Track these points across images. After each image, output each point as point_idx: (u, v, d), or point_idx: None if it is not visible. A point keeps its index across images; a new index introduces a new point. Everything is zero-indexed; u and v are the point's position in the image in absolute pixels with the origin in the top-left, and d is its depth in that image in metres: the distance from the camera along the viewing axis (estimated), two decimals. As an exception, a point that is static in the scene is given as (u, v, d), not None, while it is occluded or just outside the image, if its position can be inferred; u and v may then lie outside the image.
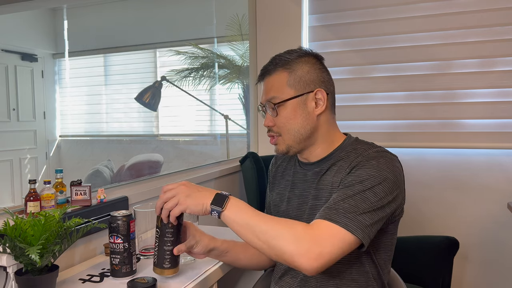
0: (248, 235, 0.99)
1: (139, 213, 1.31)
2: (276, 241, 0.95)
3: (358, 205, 0.99)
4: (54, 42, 4.74)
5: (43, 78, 4.60)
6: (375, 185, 1.01)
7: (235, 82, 3.65)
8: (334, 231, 0.96)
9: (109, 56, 4.64)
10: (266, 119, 1.16)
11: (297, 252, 0.93)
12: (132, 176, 3.24)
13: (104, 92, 4.75)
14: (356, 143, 1.16)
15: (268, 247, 0.97)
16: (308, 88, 1.13)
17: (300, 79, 1.13)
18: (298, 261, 0.93)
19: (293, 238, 0.95)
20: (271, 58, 1.18)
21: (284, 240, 0.95)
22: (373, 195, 1.01)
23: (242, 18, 3.03)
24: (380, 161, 1.06)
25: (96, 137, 4.77)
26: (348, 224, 0.96)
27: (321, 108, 1.13)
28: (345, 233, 0.96)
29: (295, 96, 1.12)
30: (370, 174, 1.03)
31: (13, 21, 4.23)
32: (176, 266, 1.13)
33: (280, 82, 1.13)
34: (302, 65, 1.14)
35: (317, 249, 0.93)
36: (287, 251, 0.94)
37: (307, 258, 0.93)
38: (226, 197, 1.01)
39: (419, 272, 1.90)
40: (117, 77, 4.68)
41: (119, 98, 4.65)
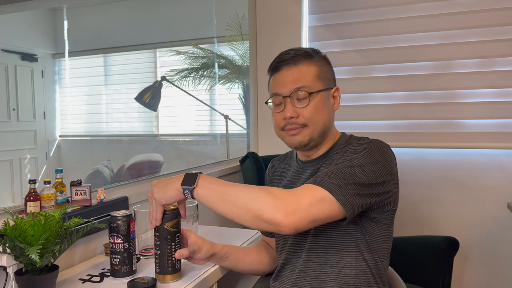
0: (224, 205, 0.99)
1: (139, 213, 1.31)
2: (254, 202, 0.95)
3: (344, 177, 0.99)
4: (54, 42, 4.74)
5: (43, 78, 4.59)
6: (364, 164, 1.02)
7: (235, 82, 3.65)
8: (316, 191, 0.97)
9: (109, 56, 4.64)
10: (289, 109, 1.12)
11: (275, 207, 0.94)
12: (132, 176, 3.24)
13: (104, 92, 4.75)
14: (350, 139, 1.19)
15: (246, 211, 0.96)
16: (331, 84, 1.17)
17: (325, 74, 1.16)
18: (276, 217, 0.93)
19: (270, 196, 0.96)
20: (285, 52, 1.16)
21: (261, 199, 0.95)
22: (361, 172, 1.01)
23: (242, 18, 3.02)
24: (371, 146, 1.08)
25: (96, 137, 4.77)
26: (331, 188, 0.97)
27: (338, 105, 1.18)
28: (325, 193, 0.96)
29: (324, 89, 1.14)
30: (359, 155, 1.05)
31: (13, 21, 4.23)
32: (177, 272, 1.14)
33: (310, 73, 1.14)
34: (323, 62, 1.18)
35: (294, 204, 0.94)
36: (265, 209, 0.94)
37: (284, 212, 0.93)
38: (196, 175, 1.01)
39: (419, 272, 1.90)
40: (117, 77, 4.68)
41: (119, 98, 4.65)
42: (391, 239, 1.18)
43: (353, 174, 1.00)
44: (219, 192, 0.99)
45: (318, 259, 1.12)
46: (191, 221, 1.30)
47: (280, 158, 1.34)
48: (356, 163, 1.02)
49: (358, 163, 1.02)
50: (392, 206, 1.12)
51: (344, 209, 0.97)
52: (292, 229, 0.94)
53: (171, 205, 1.12)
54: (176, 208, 1.12)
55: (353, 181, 0.99)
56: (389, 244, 1.17)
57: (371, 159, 1.03)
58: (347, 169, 1.01)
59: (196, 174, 1.02)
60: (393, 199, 1.11)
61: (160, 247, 1.12)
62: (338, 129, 1.24)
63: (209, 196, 1.00)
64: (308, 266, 1.13)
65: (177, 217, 1.11)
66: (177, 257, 1.10)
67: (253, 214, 0.95)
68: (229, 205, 0.98)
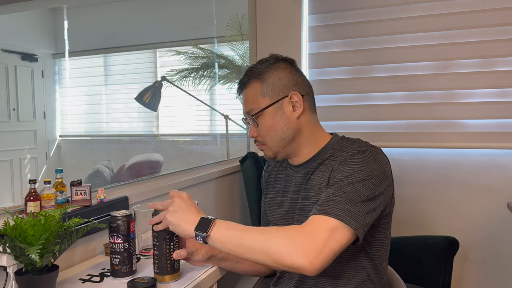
0: (241, 251, 0.97)
1: (139, 213, 1.31)
2: (271, 245, 0.93)
3: (349, 197, 0.98)
4: (54, 42, 4.74)
5: (43, 78, 4.60)
6: (364, 178, 1.02)
7: (235, 82, 3.65)
8: (327, 223, 0.94)
9: (109, 56, 4.64)
10: (250, 131, 1.19)
11: (295, 251, 0.90)
12: (132, 176, 3.24)
13: (104, 92, 4.75)
14: (341, 140, 1.17)
15: (265, 255, 0.94)
16: (282, 94, 1.15)
17: (272, 87, 1.15)
18: (298, 261, 0.90)
19: (287, 238, 0.93)
20: (246, 71, 1.20)
21: (279, 242, 0.93)
22: (362, 186, 1.01)
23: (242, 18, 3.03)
24: (364, 154, 1.07)
25: (96, 137, 4.77)
26: (340, 215, 0.95)
27: (299, 110, 1.15)
28: (338, 224, 0.94)
29: (270, 104, 1.14)
30: (356, 168, 1.04)
31: (13, 21, 4.23)
32: (175, 272, 1.14)
33: (254, 94, 1.16)
34: (273, 73, 1.16)
35: (313, 245, 0.91)
36: (284, 253, 0.91)
37: (305, 256, 0.90)
38: (210, 222, 0.98)
39: (419, 272, 1.90)
40: (117, 77, 4.68)
41: (119, 98, 4.65)
42: (389, 241, 1.18)
43: (356, 191, 1.00)
44: (234, 240, 0.97)
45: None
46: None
47: (270, 161, 1.33)
48: (356, 178, 1.01)
49: (358, 178, 1.01)
50: (390, 209, 1.12)
51: (357, 234, 0.97)
52: (316, 272, 0.92)
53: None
54: None
55: (358, 199, 0.99)
56: (387, 246, 1.17)
57: (368, 171, 1.03)
58: (349, 187, 1.00)
59: (210, 220, 0.99)
60: (391, 202, 1.11)
61: (159, 248, 1.12)
62: (339, 129, 1.25)
63: (224, 243, 0.98)
64: (306, 277, 1.12)
65: None
66: (175, 258, 1.10)
67: (273, 259, 0.93)
68: (246, 251, 0.96)
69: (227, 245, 0.97)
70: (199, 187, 2.01)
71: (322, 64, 2.50)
